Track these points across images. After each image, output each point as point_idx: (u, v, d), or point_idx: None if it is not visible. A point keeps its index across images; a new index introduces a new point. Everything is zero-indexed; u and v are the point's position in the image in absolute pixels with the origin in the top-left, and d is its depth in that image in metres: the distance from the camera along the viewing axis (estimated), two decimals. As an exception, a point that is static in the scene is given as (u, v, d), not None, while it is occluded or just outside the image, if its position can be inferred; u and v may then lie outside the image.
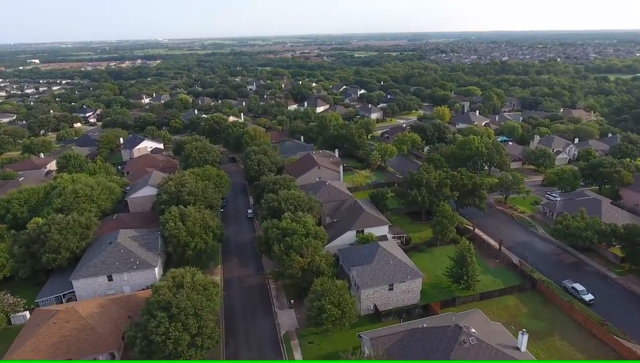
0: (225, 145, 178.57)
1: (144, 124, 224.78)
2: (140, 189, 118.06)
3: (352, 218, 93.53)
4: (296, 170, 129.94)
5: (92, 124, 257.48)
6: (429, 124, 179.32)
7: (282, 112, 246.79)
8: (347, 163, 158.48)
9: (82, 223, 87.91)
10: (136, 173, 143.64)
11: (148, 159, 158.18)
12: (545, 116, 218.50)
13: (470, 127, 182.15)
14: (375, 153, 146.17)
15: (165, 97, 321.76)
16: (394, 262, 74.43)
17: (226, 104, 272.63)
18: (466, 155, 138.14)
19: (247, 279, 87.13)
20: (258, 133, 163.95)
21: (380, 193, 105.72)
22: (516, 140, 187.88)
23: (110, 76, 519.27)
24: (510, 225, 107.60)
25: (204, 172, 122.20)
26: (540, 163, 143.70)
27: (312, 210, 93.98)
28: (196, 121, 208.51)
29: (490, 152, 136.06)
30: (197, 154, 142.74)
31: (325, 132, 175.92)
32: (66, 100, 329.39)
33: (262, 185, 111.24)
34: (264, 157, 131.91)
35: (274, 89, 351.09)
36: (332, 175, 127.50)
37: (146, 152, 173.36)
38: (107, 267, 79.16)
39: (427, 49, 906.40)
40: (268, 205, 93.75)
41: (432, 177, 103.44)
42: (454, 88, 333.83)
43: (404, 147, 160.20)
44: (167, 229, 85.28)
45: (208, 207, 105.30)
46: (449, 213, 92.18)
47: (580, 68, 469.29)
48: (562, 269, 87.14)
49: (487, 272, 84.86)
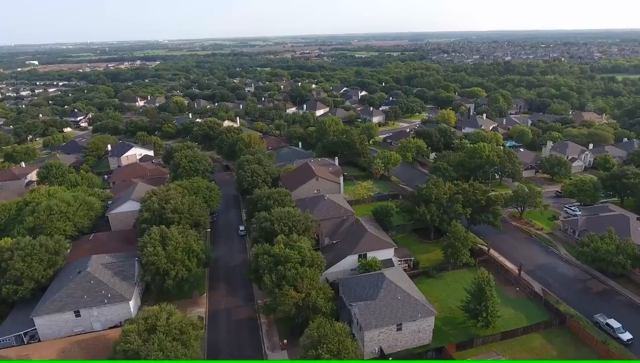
0: (219, 152, 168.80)
1: (135, 129, 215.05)
2: (123, 204, 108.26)
3: (354, 240, 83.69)
4: (293, 182, 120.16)
5: (83, 129, 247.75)
6: (434, 129, 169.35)
7: (280, 115, 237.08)
8: (347, 171, 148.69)
9: (51, 248, 78.13)
10: (122, 184, 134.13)
11: (136, 167, 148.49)
12: (555, 119, 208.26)
13: (477, 132, 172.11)
14: (377, 161, 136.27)
15: (160, 100, 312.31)
16: (402, 297, 64.54)
17: (222, 107, 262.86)
18: (476, 164, 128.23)
19: (235, 311, 77.31)
20: (253, 139, 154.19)
21: (384, 209, 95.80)
22: (526, 146, 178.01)
23: (108, 78, 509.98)
24: (528, 244, 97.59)
25: (191, 184, 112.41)
26: (555, 172, 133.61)
27: (309, 231, 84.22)
28: (189, 126, 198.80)
29: (503, 160, 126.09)
30: (186, 163, 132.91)
31: (324, 138, 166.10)
32: (59, 103, 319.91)
33: (255, 200, 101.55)
34: (258, 167, 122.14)
35: (272, 91, 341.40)
36: (332, 187, 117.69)
37: (135, 160, 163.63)
38: (74, 301, 69.32)
39: (428, 49, 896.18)
40: (260, 225, 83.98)
41: (442, 191, 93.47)
42: (457, 89, 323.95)
43: (409, 155, 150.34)
44: (144, 255, 75.60)
45: (194, 225, 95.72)
46: (461, 235, 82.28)
47: (586, 68, 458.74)
48: (591, 299, 77.20)
49: (507, 303, 74.88)
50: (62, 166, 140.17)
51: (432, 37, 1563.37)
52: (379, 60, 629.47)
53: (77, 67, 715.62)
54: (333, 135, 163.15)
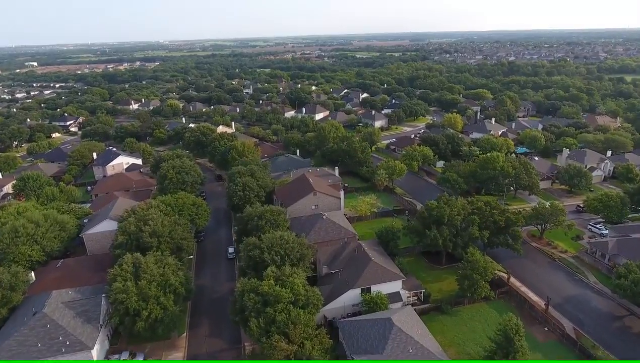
0: (211, 160, 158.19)
1: (125, 135, 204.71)
2: (99, 223, 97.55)
3: (356, 270, 73.02)
4: (289, 196, 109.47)
5: (72, 134, 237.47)
6: (441, 135, 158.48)
7: (278, 119, 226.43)
8: (348, 182, 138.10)
9: (5, 282, 67.55)
10: (104, 197, 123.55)
11: (121, 178, 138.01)
12: (568, 124, 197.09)
13: (487, 138, 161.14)
14: (381, 172, 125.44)
15: (155, 103, 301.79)
16: (414, 350, 53.91)
17: (218, 111, 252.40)
18: (489, 175, 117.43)
19: (219, 356, 66.59)
20: (247, 148, 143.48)
21: (389, 232, 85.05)
22: (539, 153, 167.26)
23: (105, 79, 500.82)
24: (552, 270, 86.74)
25: (176, 201, 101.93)
26: (575, 184, 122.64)
27: (304, 260, 73.58)
28: (181, 132, 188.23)
29: (518, 171, 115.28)
30: (173, 175, 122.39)
31: (323, 145, 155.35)
32: (51, 107, 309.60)
33: (246, 219, 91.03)
34: (251, 180, 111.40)
35: (271, 93, 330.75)
36: (331, 203, 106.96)
37: (121, 169, 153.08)
38: (26, 350, 58.76)
39: (430, 49, 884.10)
40: (248, 253, 73.36)
41: (456, 211, 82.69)
42: (461, 91, 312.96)
43: (414, 164, 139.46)
44: (112, 291, 65.04)
45: (176, 250, 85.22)
46: (480, 265, 71.52)
47: (593, 68, 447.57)
48: (633, 341, 66.38)
49: (535, 348, 64.04)
50: (40, 178, 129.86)
51: (432, 37, 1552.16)
52: (380, 60, 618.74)
53: (75, 68, 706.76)
54: (333, 143, 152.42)
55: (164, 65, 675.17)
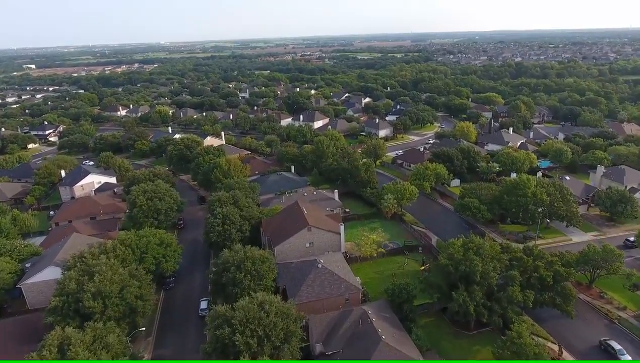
0: (194, 178, 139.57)
1: (105, 146, 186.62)
2: (42, 271, 79.12)
3: (362, 352, 54.17)
4: (278, 231, 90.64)
5: (51, 144, 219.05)
6: (455, 150, 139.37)
7: (273, 128, 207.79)
8: (350, 205, 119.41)
9: None
10: (62, 228, 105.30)
11: (87, 203, 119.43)
12: (593, 133, 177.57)
13: (506, 152, 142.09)
14: (388, 197, 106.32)
15: (143, 109, 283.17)
16: None
17: (209, 118, 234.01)
18: (518, 203, 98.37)
19: None
20: (233, 166, 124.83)
21: (403, 290, 66.02)
22: (564, 168, 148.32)
23: (99, 82, 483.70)
24: (612, 337, 67.49)
25: (140, 240, 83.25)
26: (619, 212, 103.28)
27: (290, 341, 54.74)
28: (164, 144, 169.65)
29: (554, 199, 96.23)
30: (144, 201, 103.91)
31: (322, 161, 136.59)
32: (36, 113, 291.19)
33: (221, 269, 72.52)
34: (233, 211, 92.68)
35: (267, 98, 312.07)
36: (329, 240, 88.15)
37: (92, 189, 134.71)
38: None
39: (432, 49, 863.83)
40: (214, 332, 54.50)
41: (491, 266, 63.54)
42: (469, 94, 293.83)
43: (426, 184, 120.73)
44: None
45: (129, 313, 66.56)
46: (530, 349, 52.56)
47: (604, 70, 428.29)
48: None
49: None
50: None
51: (433, 38, 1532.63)
52: (382, 61, 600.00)
53: (73, 71, 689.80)
54: (332, 159, 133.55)
55: (161, 68, 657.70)
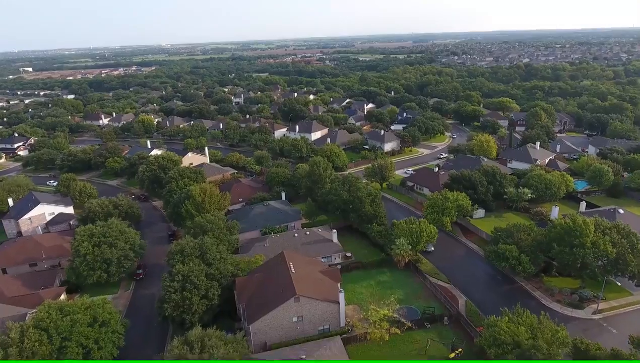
0: (165, 208, 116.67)
1: (74, 163, 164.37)
2: None
3: None
4: (256, 298, 67.53)
5: (20, 159, 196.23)
6: (478, 173, 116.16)
7: (265, 140, 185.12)
8: (351, 246, 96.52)
9: None
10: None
11: (27, 245, 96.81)
12: (631, 147, 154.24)
13: (538, 174, 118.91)
14: (401, 242, 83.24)
15: (127, 117, 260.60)
16: None
17: (197, 128, 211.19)
18: (573, 255, 75.10)
19: None
20: (209, 196, 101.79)
21: None
22: (604, 191, 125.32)
23: (91, 86, 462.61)
24: None
25: (61, 320, 60.31)
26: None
27: None
28: (137, 163, 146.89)
29: (621, 250, 73.06)
30: (90, 249, 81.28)
31: (318, 188, 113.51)
32: (14, 121, 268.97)
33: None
34: (198, 269, 69.90)
35: (262, 104, 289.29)
36: (324, 312, 65.18)
37: (42, 222, 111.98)
38: None
39: (435, 50, 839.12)
40: None
41: None
42: (480, 99, 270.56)
43: (446, 220, 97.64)
44: None
45: None
46: None
47: (619, 71, 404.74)
48: None
49: None
50: None
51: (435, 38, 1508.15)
52: (384, 63, 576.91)
53: (69, 74, 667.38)
54: (331, 186, 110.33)
55: (158, 71, 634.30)
